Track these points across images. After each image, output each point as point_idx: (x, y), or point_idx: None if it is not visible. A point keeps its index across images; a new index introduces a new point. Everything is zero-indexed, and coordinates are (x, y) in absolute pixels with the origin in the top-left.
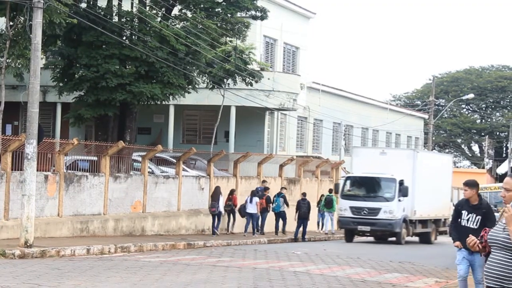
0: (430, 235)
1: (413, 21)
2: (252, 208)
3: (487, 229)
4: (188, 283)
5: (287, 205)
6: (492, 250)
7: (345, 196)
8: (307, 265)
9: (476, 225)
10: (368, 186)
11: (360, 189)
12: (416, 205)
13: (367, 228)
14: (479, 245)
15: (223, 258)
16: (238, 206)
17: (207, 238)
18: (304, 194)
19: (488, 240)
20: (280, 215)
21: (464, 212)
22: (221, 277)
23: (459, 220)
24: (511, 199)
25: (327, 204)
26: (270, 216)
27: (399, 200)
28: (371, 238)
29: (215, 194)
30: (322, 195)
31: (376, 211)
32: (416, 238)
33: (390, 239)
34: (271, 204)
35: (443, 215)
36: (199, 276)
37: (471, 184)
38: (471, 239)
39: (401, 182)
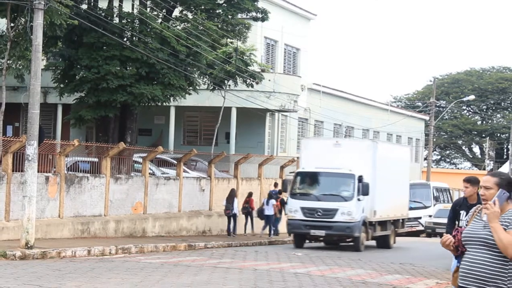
0: (389, 238)
1: (414, 23)
2: (269, 210)
3: (459, 228)
4: (189, 284)
5: None
6: (469, 249)
7: (296, 195)
8: (308, 266)
9: None
10: (323, 183)
11: (313, 187)
12: (376, 205)
13: (322, 233)
14: (452, 245)
15: (224, 260)
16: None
17: (208, 240)
18: None
19: (463, 239)
20: None
21: (463, 213)
22: (222, 278)
23: (457, 221)
24: (491, 197)
25: None
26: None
27: (359, 200)
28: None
29: (230, 197)
30: None
31: (332, 212)
32: (374, 242)
33: (342, 244)
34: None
35: (402, 214)
36: (200, 277)
37: (474, 181)
38: (447, 237)
39: (361, 178)
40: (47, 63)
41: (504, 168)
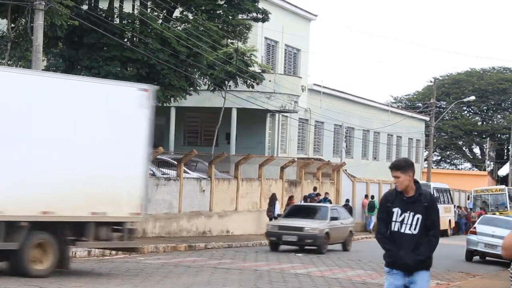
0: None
1: (414, 23)
2: None
3: None
4: (189, 285)
5: None
6: None
7: None
8: (308, 267)
9: (415, 229)
10: None
11: None
12: None
13: None
14: None
15: (224, 260)
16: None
17: (208, 240)
18: (347, 200)
19: None
20: None
21: (397, 211)
22: (222, 279)
23: (389, 223)
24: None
25: (370, 208)
26: None
27: None
28: None
29: (272, 200)
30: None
31: None
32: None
33: None
34: None
35: (93, 213)
36: (200, 278)
37: (403, 166)
38: None
39: None
40: (47, 64)
41: (504, 169)
